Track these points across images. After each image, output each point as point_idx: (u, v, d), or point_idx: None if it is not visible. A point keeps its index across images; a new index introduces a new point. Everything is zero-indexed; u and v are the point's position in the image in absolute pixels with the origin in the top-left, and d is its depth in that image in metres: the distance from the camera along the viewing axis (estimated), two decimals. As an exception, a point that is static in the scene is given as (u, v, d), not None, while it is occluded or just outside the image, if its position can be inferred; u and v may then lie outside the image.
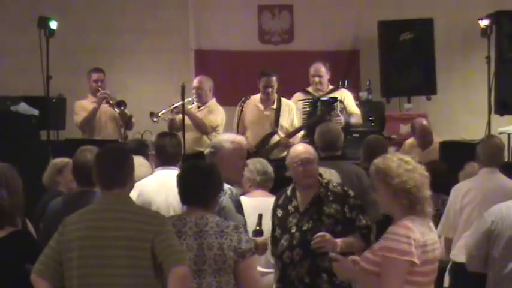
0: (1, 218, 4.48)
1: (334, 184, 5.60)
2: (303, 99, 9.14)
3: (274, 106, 8.94)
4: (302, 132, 8.88)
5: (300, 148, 5.74)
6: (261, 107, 8.93)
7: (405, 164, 4.24)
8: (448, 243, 6.05)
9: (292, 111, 8.98)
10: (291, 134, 8.82)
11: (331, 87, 9.31)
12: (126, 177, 4.25)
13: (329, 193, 5.52)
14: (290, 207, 5.60)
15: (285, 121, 8.93)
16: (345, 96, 9.18)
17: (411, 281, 4.13)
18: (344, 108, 8.92)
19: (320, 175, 5.63)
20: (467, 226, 5.89)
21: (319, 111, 8.74)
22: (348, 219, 5.47)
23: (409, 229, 4.12)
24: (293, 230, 5.51)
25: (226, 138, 5.52)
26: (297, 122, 8.95)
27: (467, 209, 5.93)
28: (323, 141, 6.87)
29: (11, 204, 4.51)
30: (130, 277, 4.07)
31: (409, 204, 4.19)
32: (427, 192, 4.23)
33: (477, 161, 6.18)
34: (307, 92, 9.26)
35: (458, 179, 6.44)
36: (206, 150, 5.51)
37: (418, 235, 4.12)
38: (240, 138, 5.62)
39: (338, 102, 8.83)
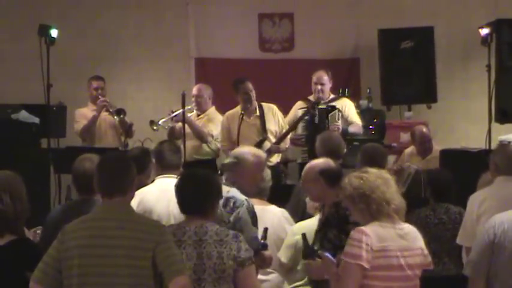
0: (3, 225, 4.49)
1: (343, 205, 5.13)
2: (302, 107, 9.14)
3: (258, 113, 8.92)
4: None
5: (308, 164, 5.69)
6: (245, 116, 8.88)
7: (359, 173, 4.41)
8: (468, 252, 6.03)
9: (276, 113, 8.96)
10: (279, 139, 8.81)
11: (332, 96, 9.32)
12: (127, 186, 4.26)
13: (336, 215, 5.15)
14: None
15: (272, 125, 8.91)
16: (346, 105, 9.21)
17: (366, 284, 4.22)
18: (342, 117, 8.93)
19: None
20: (484, 235, 5.87)
21: (317, 120, 8.75)
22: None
23: (363, 233, 4.23)
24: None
25: (248, 150, 5.58)
26: (283, 122, 8.94)
27: (484, 217, 5.87)
28: (324, 149, 6.88)
29: (13, 212, 4.51)
30: (130, 286, 4.07)
31: (367, 208, 4.30)
32: (387, 193, 4.31)
33: (491, 169, 6.13)
34: (309, 100, 9.25)
35: (477, 188, 6.40)
36: (227, 160, 5.51)
37: (373, 240, 4.21)
38: (261, 152, 5.71)
39: (336, 111, 8.84)
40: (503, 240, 4.81)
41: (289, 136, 8.92)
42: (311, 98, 9.25)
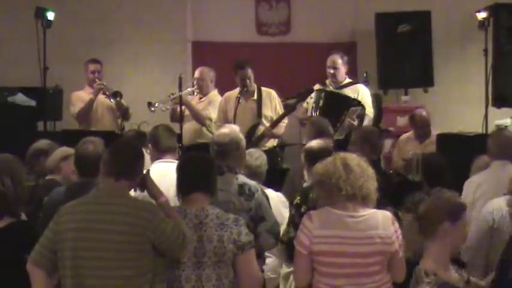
0: (3, 207, 4.50)
1: None
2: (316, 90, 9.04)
3: (255, 97, 8.88)
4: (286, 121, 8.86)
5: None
6: (242, 100, 8.83)
7: (330, 158, 4.45)
8: None
9: (274, 99, 8.88)
10: (274, 124, 8.75)
11: (348, 80, 9.15)
12: (137, 172, 4.29)
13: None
14: None
15: (268, 110, 8.84)
16: (360, 92, 8.99)
17: (315, 268, 4.33)
18: (356, 111, 8.71)
19: None
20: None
21: (321, 103, 8.72)
22: None
23: (308, 218, 4.37)
24: None
25: (238, 130, 5.49)
26: (280, 109, 8.88)
27: (480, 202, 5.91)
28: (310, 132, 7.04)
29: (14, 195, 4.52)
30: (122, 269, 4.10)
31: (320, 192, 4.41)
32: (346, 180, 4.31)
33: (488, 154, 6.15)
34: (324, 84, 9.15)
35: (470, 173, 6.41)
36: (230, 147, 5.31)
37: (315, 226, 4.30)
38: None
39: (359, 108, 8.64)
40: (501, 226, 4.82)
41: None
42: (326, 81, 9.10)
